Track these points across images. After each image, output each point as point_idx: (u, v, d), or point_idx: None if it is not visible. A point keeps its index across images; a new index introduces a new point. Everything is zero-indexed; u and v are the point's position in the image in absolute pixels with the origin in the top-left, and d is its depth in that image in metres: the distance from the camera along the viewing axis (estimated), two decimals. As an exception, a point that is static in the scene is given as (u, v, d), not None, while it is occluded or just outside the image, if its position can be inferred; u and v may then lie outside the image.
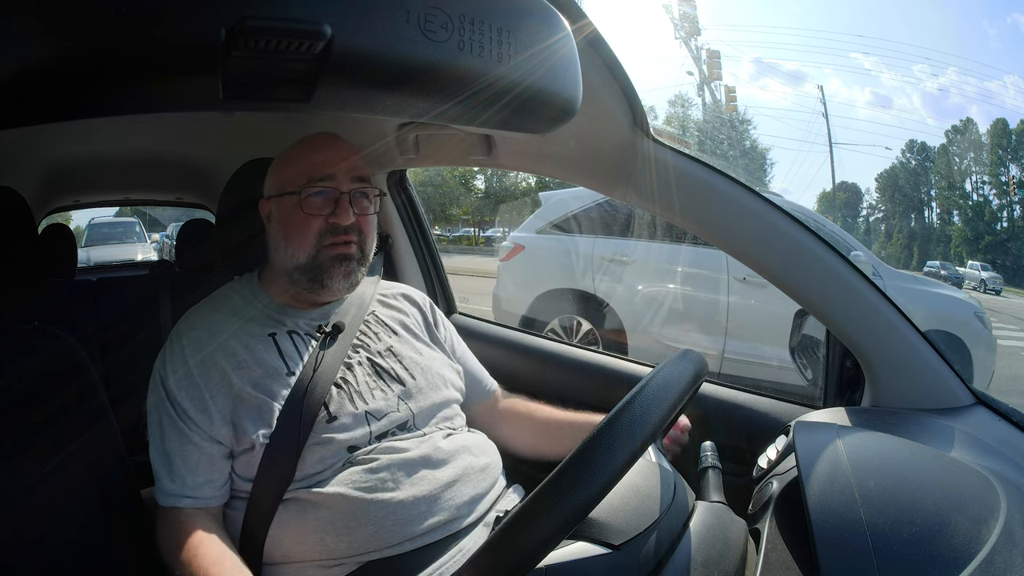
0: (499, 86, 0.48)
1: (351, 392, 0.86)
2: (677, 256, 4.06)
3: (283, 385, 0.84)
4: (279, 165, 0.95)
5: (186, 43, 0.38)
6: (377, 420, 0.85)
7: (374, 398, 0.87)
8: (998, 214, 25.30)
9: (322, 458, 0.80)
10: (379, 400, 0.87)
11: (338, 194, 0.89)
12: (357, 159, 0.93)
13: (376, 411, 0.85)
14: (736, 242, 0.91)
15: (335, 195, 0.89)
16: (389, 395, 0.88)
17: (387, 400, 0.87)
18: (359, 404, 0.85)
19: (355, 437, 0.82)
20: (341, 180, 0.89)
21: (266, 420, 0.81)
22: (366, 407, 0.85)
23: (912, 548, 0.54)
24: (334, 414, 0.83)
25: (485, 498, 0.87)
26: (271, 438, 0.80)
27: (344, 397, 0.85)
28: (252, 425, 0.81)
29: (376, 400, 0.87)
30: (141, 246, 9.51)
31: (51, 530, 0.79)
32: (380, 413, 0.85)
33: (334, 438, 0.81)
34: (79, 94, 0.39)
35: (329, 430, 0.82)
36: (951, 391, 0.86)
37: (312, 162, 0.90)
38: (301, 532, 0.77)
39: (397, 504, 0.78)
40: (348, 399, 0.85)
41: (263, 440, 0.80)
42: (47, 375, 0.83)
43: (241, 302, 0.94)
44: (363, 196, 0.92)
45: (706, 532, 0.68)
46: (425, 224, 1.59)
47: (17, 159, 1.58)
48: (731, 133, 25.90)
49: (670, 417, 0.60)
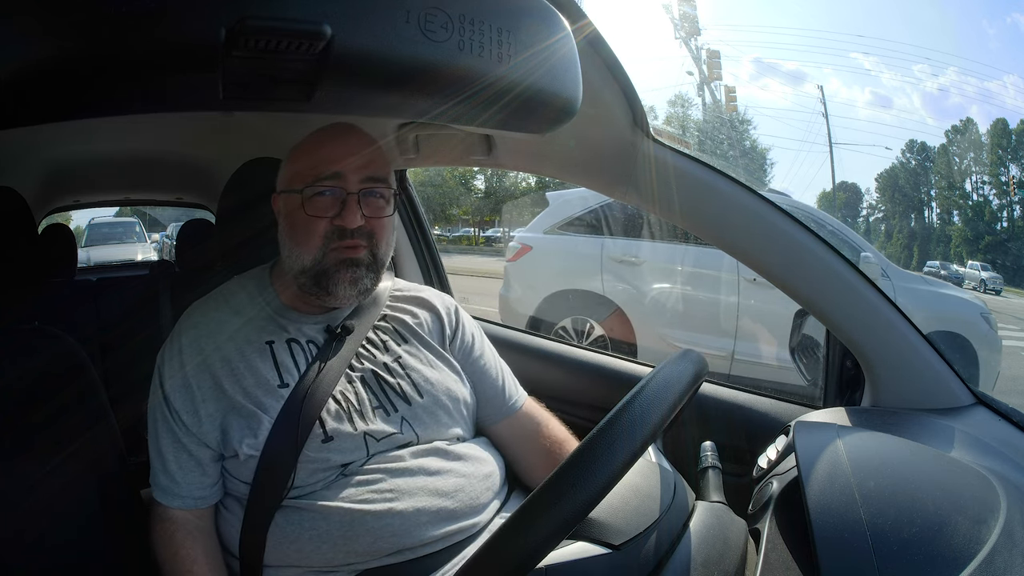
0: (499, 86, 0.48)
1: (351, 410, 0.81)
2: (687, 257, 4.05)
3: (275, 398, 0.80)
4: (292, 158, 0.88)
5: (186, 43, 0.38)
6: (376, 441, 0.80)
7: (375, 419, 0.81)
8: (998, 214, 25.29)
9: (314, 471, 0.78)
10: (380, 422, 0.81)
11: (345, 194, 0.82)
12: (372, 154, 0.84)
13: (376, 432, 0.81)
14: (736, 242, 0.91)
15: (342, 195, 0.82)
16: (392, 417, 0.83)
17: (389, 422, 0.82)
18: (359, 424, 0.80)
19: (350, 459, 0.79)
20: (349, 178, 0.82)
21: (253, 431, 0.78)
22: (365, 428, 0.80)
23: (912, 548, 0.54)
24: (330, 434, 0.79)
25: (488, 507, 0.84)
26: (263, 450, 0.78)
27: (343, 416, 0.80)
28: (238, 434, 0.78)
29: (377, 422, 0.81)
30: (141, 246, 9.50)
31: (51, 530, 0.79)
32: (380, 434, 0.81)
33: (329, 458, 0.79)
34: (79, 94, 0.39)
35: (324, 450, 0.79)
36: (951, 391, 0.86)
37: (320, 157, 0.83)
38: (298, 540, 0.76)
39: (396, 515, 0.76)
40: (347, 418, 0.80)
41: (248, 451, 0.78)
42: (47, 375, 0.84)
43: (246, 299, 0.90)
44: (376, 195, 0.84)
45: (706, 532, 0.68)
46: (425, 224, 1.59)
47: (17, 159, 1.58)
48: (731, 133, 25.89)
49: (670, 417, 0.60)
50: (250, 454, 0.78)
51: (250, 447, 0.78)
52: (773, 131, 55.79)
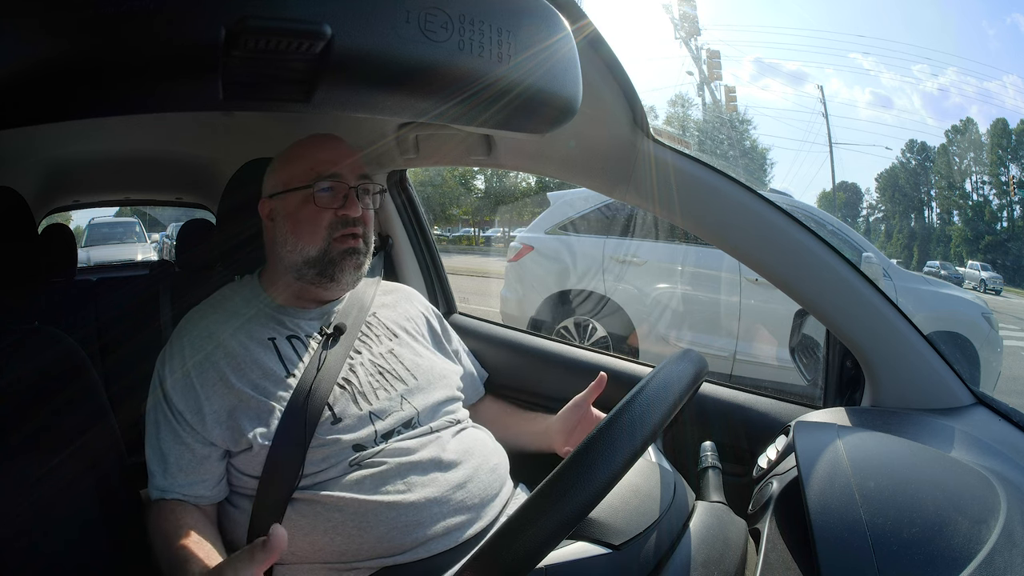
0: (499, 86, 0.48)
1: (354, 392, 0.87)
2: (689, 257, 4.05)
3: (283, 388, 0.84)
4: (282, 164, 0.96)
5: (186, 43, 0.38)
6: (381, 419, 0.85)
7: (378, 398, 0.87)
8: (998, 214, 25.28)
9: (327, 457, 0.80)
10: (383, 400, 0.87)
11: (347, 188, 0.92)
12: (358, 158, 0.95)
13: (380, 411, 0.86)
14: (736, 242, 0.91)
15: (344, 190, 0.92)
16: (392, 394, 0.89)
17: (391, 399, 0.88)
18: (363, 405, 0.86)
19: (360, 437, 0.83)
20: (348, 176, 0.92)
21: (264, 421, 0.81)
22: (370, 407, 0.86)
23: (912, 548, 0.54)
24: (338, 415, 0.84)
25: (496, 499, 0.87)
26: (274, 439, 0.80)
27: (348, 398, 0.86)
28: (250, 425, 0.81)
29: (380, 400, 0.87)
30: (141, 246, 9.50)
31: (51, 530, 0.79)
32: (384, 412, 0.86)
33: (339, 438, 0.82)
34: (79, 94, 0.39)
35: (334, 431, 0.82)
36: (951, 391, 0.86)
37: (319, 160, 0.92)
38: (311, 533, 0.77)
39: (408, 506, 0.78)
40: (352, 400, 0.86)
41: (261, 441, 0.80)
42: (47, 375, 0.84)
43: (241, 303, 0.94)
44: (366, 192, 0.95)
45: (706, 532, 0.68)
46: (425, 224, 1.59)
47: (17, 159, 1.58)
48: (731, 133, 25.89)
49: (670, 417, 0.60)
50: (263, 444, 0.80)
51: (263, 437, 0.80)
52: (773, 131, 55.85)
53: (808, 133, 37.84)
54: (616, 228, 4.25)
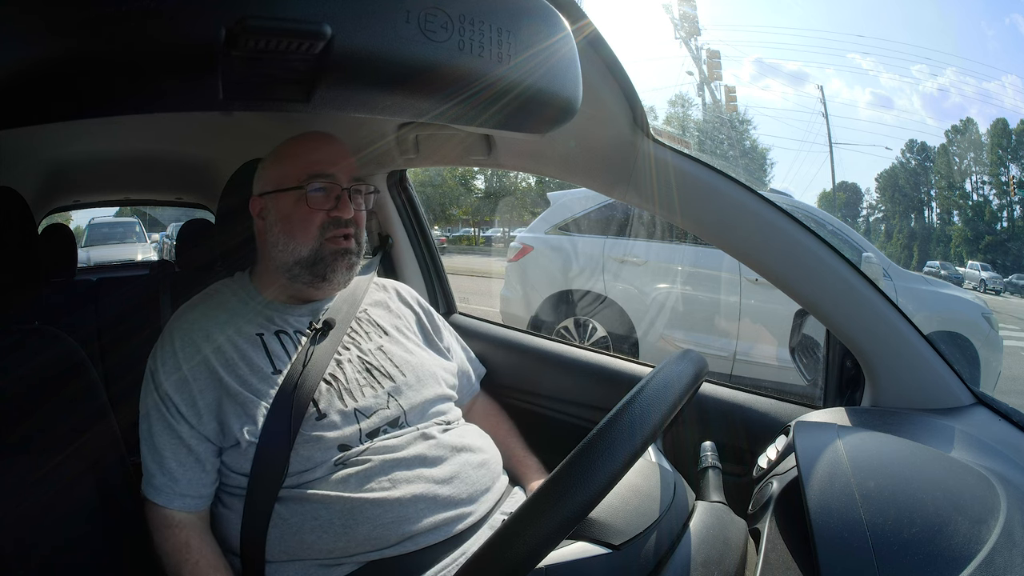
0: (499, 86, 0.48)
1: (340, 389, 0.86)
2: (689, 257, 4.05)
3: (269, 384, 0.84)
4: (274, 162, 0.95)
5: (186, 43, 0.38)
6: (367, 418, 0.85)
7: (364, 396, 0.87)
8: (998, 214, 25.27)
9: (311, 456, 0.81)
10: (369, 398, 0.87)
11: (340, 190, 0.91)
12: (352, 159, 0.95)
13: (365, 408, 0.86)
14: (736, 242, 0.91)
15: (336, 191, 0.91)
16: (379, 392, 0.88)
17: (377, 397, 0.88)
18: (348, 402, 0.86)
19: (345, 435, 0.83)
20: (341, 177, 0.92)
21: (251, 417, 0.81)
22: (355, 404, 0.86)
23: (912, 548, 0.54)
24: (323, 412, 0.84)
25: (486, 495, 0.87)
26: (261, 434, 0.80)
27: (333, 394, 0.86)
28: (237, 421, 0.81)
29: (366, 398, 0.87)
30: (141, 246, 9.50)
31: (51, 530, 0.79)
32: (369, 411, 0.86)
33: (323, 436, 0.82)
34: (79, 94, 0.39)
35: (318, 428, 0.82)
36: (951, 391, 0.86)
37: (312, 160, 0.92)
38: (300, 531, 0.78)
39: (394, 502, 0.78)
40: (337, 396, 0.86)
41: (248, 438, 0.80)
42: (47, 375, 0.84)
43: (231, 297, 0.95)
44: (358, 193, 0.95)
45: (706, 532, 0.68)
46: (425, 224, 1.59)
47: (17, 159, 1.58)
48: (731, 133, 25.89)
49: (670, 417, 0.60)
50: (251, 440, 0.80)
51: (251, 433, 0.80)
52: (773, 131, 55.84)
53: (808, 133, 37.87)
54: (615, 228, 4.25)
